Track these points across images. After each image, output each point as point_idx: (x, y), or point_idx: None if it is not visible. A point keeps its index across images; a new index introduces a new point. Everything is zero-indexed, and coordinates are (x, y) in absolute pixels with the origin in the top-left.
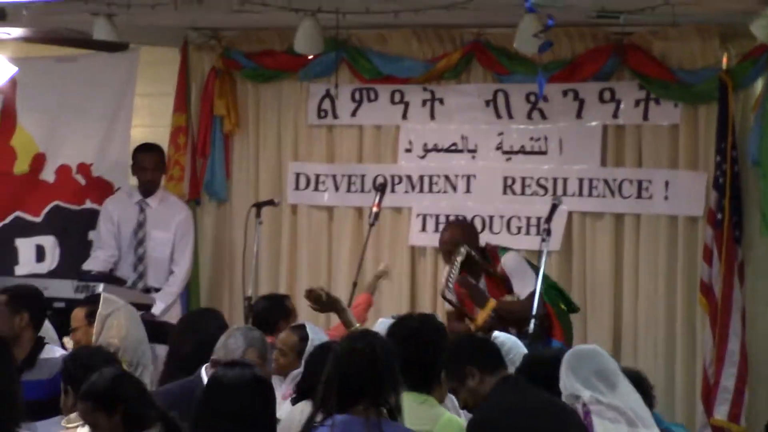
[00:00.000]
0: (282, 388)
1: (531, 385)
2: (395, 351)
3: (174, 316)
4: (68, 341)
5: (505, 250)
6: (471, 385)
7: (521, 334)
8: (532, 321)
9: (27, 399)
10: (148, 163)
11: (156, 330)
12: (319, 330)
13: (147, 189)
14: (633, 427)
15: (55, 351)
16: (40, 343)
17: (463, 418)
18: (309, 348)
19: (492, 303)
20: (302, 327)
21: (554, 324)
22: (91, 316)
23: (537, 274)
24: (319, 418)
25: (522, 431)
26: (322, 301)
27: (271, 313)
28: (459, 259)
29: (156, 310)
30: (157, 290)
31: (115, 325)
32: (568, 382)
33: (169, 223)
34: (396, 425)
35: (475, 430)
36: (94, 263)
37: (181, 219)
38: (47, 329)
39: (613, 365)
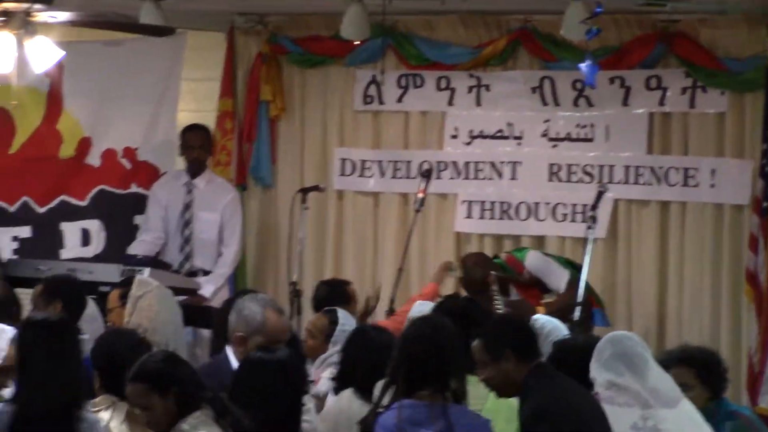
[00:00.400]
0: (311, 372)
1: (561, 373)
2: (460, 337)
3: (222, 299)
4: None
5: (521, 251)
6: (504, 366)
7: (566, 322)
8: (577, 308)
9: None
10: (195, 141)
11: (199, 314)
12: (349, 316)
13: (194, 168)
14: (647, 409)
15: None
16: None
17: None
18: (338, 333)
19: (541, 310)
20: (334, 311)
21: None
22: (124, 298)
23: (560, 262)
24: (385, 401)
25: (583, 419)
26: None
27: (332, 298)
28: (495, 286)
29: (206, 292)
30: (205, 272)
31: (146, 306)
32: (592, 367)
33: (216, 205)
34: (461, 408)
35: (541, 419)
36: (140, 246)
37: (228, 200)
38: (94, 315)
39: (641, 350)
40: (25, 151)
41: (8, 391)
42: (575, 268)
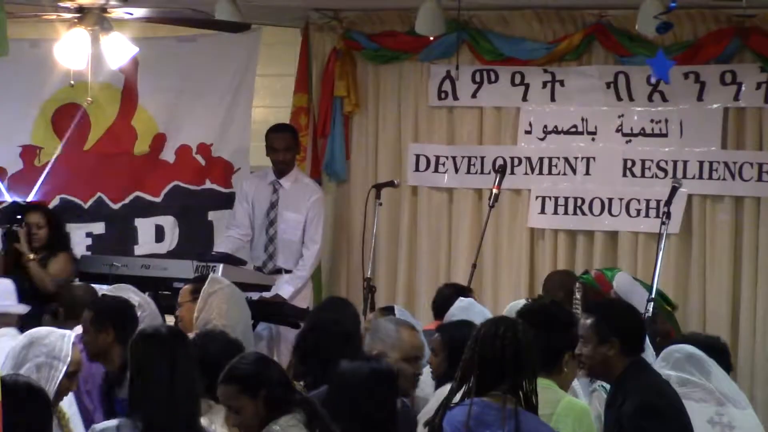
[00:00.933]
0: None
1: (656, 371)
2: (535, 337)
3: (304, 298)
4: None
5: (612, 270)
6: (605, 352)
7: None
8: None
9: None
10: (279, 143)
11: (275, 311)
12: (407, 313)
13: (280, 169)
14: (721, 406)
15: None
16: None
17: (583, 398)
18: None
19: None
20: (391, 309)
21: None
22: (196, 293)
23: (644, 288)
24: (456, 399)
25: (685, 415)
26: None
27: (451, 301)
28: (578, 294)
29: (284, 293)
30: (287, 272)
31: (216, 304)
32: (660, 370)
33: (300, 205)
34: (531, 416)
35: (649, 415)
36: (226, 242)
37: (313, 201)
38: (154, 315)
39: (704, 355)
40: (99, 147)
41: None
42: (662, 298)
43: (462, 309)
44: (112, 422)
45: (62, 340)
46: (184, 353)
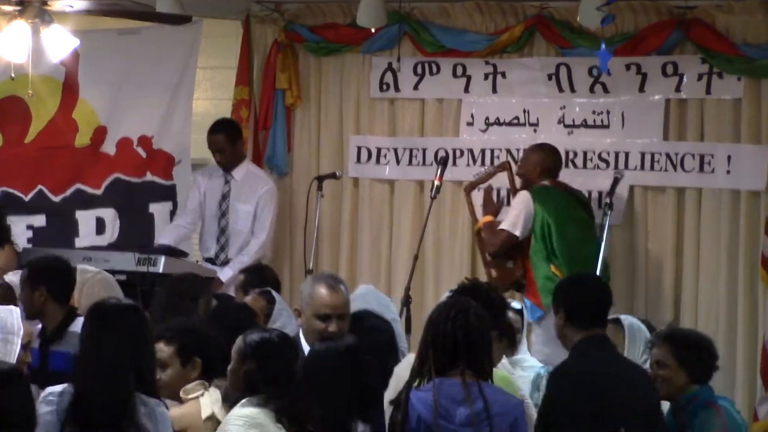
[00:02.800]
0: None
1: (613, 348)
2: (488, 318)
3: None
4: None
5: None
6: (557, 322)
7: None
8: None
9: (54, 370)
10: (213, 145)
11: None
12: (283, 300)
13: (223, 166)
14: None
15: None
16: (71, 315)
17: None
18: (276, 312)
19: (487, 219)
20: (269, 292)
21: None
22: None
23: (534, 216)
24: (415, 383)
25: (597, 390)
26: None
27: None
28: (496, 168)
29: (224, 276)
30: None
31: (91, 293)
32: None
33: (251, 196)
34: (495, 387)
35: (556, 381)
36: (173, 230)
37: (263, 192)
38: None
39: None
40: (40, 140)
41: None
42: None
43: (360, 296)
44: (58, 388)
45: (12, 315)
46: (130, 329)
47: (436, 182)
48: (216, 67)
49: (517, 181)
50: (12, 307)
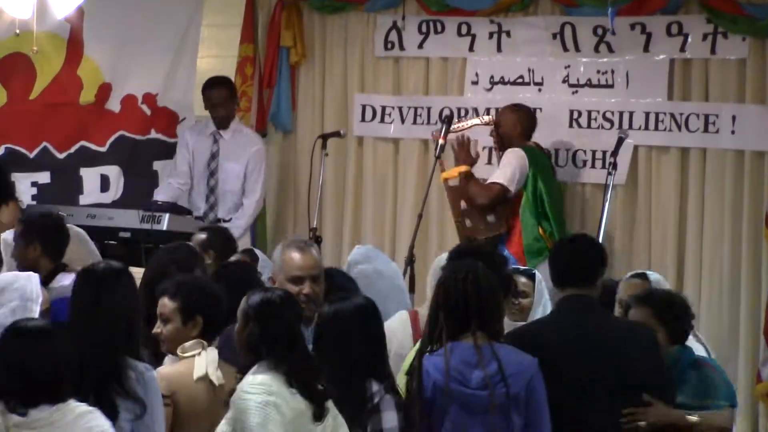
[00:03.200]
0: None
1: (597, 308)
2: (496, 279)
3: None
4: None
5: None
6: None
7: None
8: None
9: None
10: (216, 98)
11: None
12: (267, 258)
13: (219, 123)
14: None
15: (65, 278)
16: (56, 271)
17: None
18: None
19: (465, 168)
20: (252, 250)
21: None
22: None
23: (527, 175)
24: (428, 349)
25: (558, 349)
26: None
27: None
28: (480, 120)
29: None
30: (227, 221)
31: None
32: None
33: (241, 156)
34: (508, 348)
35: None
36: (166, 190)
37: (253, 152)
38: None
39: None
40: (45, 96)
41: None
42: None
43: (363, 255)
44: None
45: (31, 282)
46: (111, 291)
47: (441, 141)
48: (221, 24)
49: (491, 141)
50: (31, 273)
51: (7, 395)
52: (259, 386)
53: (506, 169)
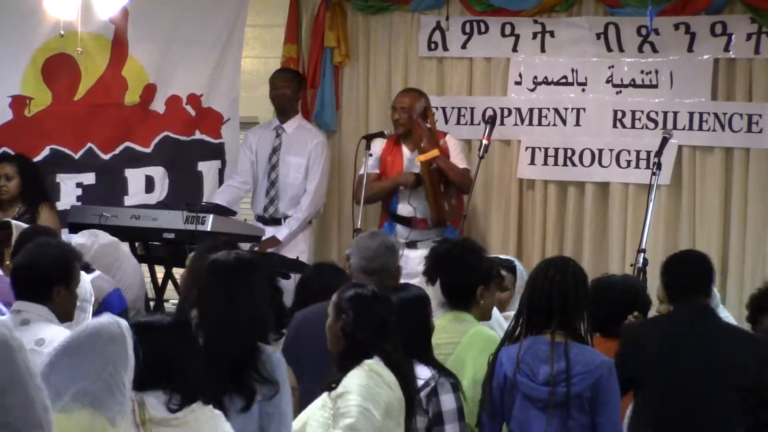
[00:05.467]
0: None
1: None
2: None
3: (302, 241)
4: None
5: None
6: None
7: None
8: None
9: None
10: (279, 80)
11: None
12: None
13: (281, 108)
14: None
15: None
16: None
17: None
18: None
19: (437, 152)
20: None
21: None
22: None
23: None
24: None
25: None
26: None
27: None
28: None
29: (280, 235)
30: (288, 217)
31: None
32: None
33: (302, 149)
34: (581, 346)
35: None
36: (225, 191)
37: (314, 144)
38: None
39: None
40: (90, 97)
41: None
42: None
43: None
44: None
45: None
46: (244, 281)
47: (484, 141)
48: (265, 25)
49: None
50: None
51: (161, 390)
52: (376, 377)
53: (463, 155)
